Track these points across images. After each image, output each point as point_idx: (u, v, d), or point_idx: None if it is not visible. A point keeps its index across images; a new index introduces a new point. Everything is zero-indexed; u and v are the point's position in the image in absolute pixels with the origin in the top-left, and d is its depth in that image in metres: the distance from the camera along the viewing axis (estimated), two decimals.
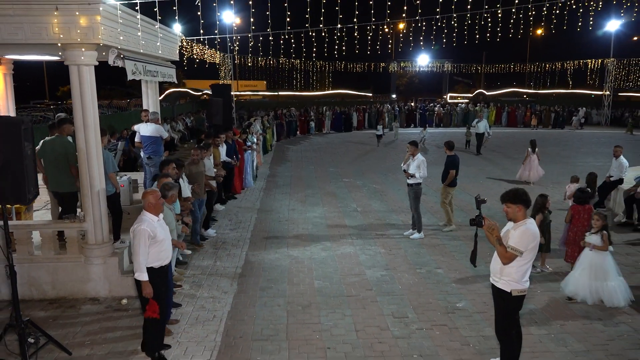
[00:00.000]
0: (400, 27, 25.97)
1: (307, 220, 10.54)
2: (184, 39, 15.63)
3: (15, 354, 4.93)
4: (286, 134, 27.34)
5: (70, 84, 6.26)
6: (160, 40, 8.13)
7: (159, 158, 9.50)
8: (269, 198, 12.64)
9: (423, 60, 44.53)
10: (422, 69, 46.64)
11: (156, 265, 4.99)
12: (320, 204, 11.92)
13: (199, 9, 8.51)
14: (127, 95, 39.98)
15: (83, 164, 6.42)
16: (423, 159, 9.22)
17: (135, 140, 10.60)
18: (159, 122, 10.20)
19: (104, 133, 6.96)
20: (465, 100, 44.97)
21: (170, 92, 34.58)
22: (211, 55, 25.12)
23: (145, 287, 4.86)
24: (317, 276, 7.41)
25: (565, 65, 38.04)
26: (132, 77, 7.23)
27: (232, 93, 21.47)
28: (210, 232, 9.33)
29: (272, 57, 33.09)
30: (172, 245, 5.60)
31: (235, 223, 10.28)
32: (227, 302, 6.53)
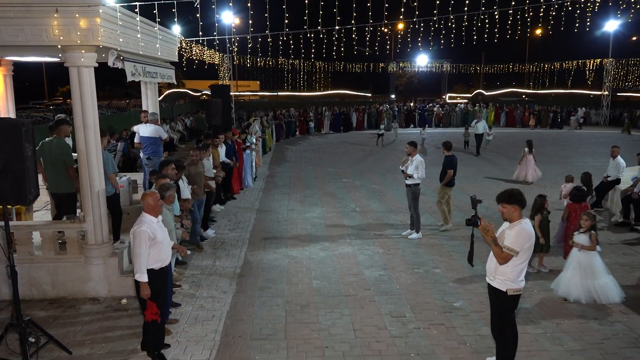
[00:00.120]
0: (400, 27, 26.04)
1: (306, 220, 10.59)
2: (183, 40, 15.68)
3: (17, 353, 4.98)
4: (285, 135, 27.34)
5: (70, 85, 6.31)
6: (160, 41, 8.19)
7: (159, 159, 9.55)
8: (268, 198, 12.69)
9: (422, 60, 44.61)
10: (421, 69, 46.73)
11: (157, 266, 5.04)
12: (319, 204, 11.97)
13: (197, 11, 8.56)
14: (127, 96, 39.98)
15: (83, 165, 6.46)
16: (421, 159, 9.26)
17: (135, 141, 10.64)
18: (158, 122, 10.25)
19: (103, 134, 7.01)
20: (464, 101, 45.06)
21: (169, 92, 34.65)
22: (210, 55, 25.17)
23: (144, 289, 4.90)
24: (316, 276, 7.46)
25: (564, 65, 38.09)
26: (131, 79, 7.27)
27: (231, 93, 21.52)
28: (210, 232, 9.37)
29: (271, 57, 33.15)
30: (173, 249, 5.65)
31: (235, 223, 10.32)
32: (226, 301, 6.58)
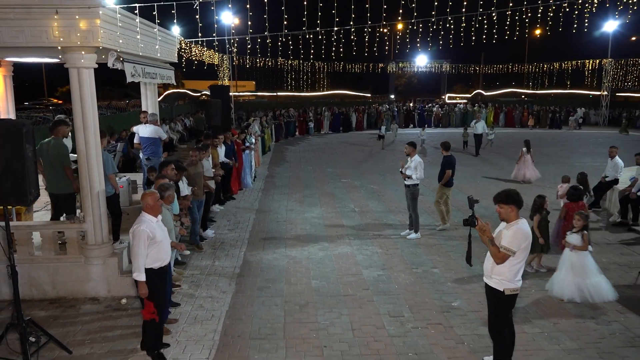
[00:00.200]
0: (399, 27, 26.07)
1: (305, 220, 10.62)
2: (183, 40, 15.72)
3: (17, 352, 5.02)
4: (284, 135, 27.39)
5: (70, 86, 6.34)
6: (159, 42, 8.22)
7: (158, 159, 9.58)
8: (267, 199, 12.72)
9: (421, 60, 44.67)
10: (420, 70, 46.80)
11: (156, 266, 5.07)
12: (318, 205, 12.00)
13: (197, 13, 8.60)
14: (126, 96, 40.01)
15: (83, 166, 6.49)
16: (420, 160, 9.28)
17: (134, 141, 10.68)
18: (158, 123, 10.29)
19: (103, 135, 7.04)
20: (464, 101, 45.12)
21: (169, 93, 34.68)
22: (210, 56, 25.20)
23: (142, 288, 4.95)
24: (315, 276, 7.50)
25: (563, 65, 38.16)
26: (131, 80, 7.30)
27: (231, 94, 21.54)
28: (209, 232, 9.40)
29: (270, 58, 33.19)
30: (172, 247, 5.68)
31: (234, 224, 10.36)
32: (226, 301, 6.61)
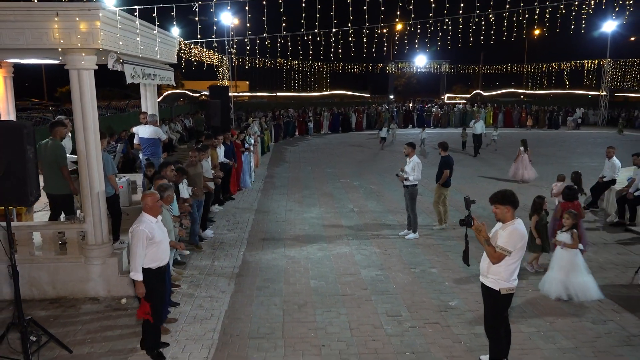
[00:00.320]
0: (398, 28, 26.10)
1: (304, 220, 10.67)
2: (182, 41, 15.76)
3: (18, 351, 5.06)
4: (284, 135, 27.45)
5: (71, 87, 6.38)
6: (159, 44, 8.26)
7: (158, 160, 9.64)
8: (267, 199, 12.77)
9: (420, 61, 44.75)
10: (419, 70, 46.88)
11: (153, 266, 5.12)
12: (317, 205, 12.05)
13: (196, 14, 8.64)
14: (126, 97, 40.09)
15: (83, 166, 6.53)
16: (418, 161, 9.31)
17: (134, 142, 10.73)
18: (157, 124, 10.34)
19: (103, 136, 7.10)
20: (463, 101, 45.18)
21: (168, 93, 34.74)
22: (209, 56, 25.25)
23: (139, 287, 5.00)
24: (313, 276, 7.54)
25: (562, 65, 38.23)
26: (130, 81, 7.35)
27: (230, 94, 21.61)
28: (208, 232, 9.45)
29: (269, 58, 33.22)
30: (170, 246, 5.73)
31: (233, 224, 10.40)
32: (225, 301, 6.66)
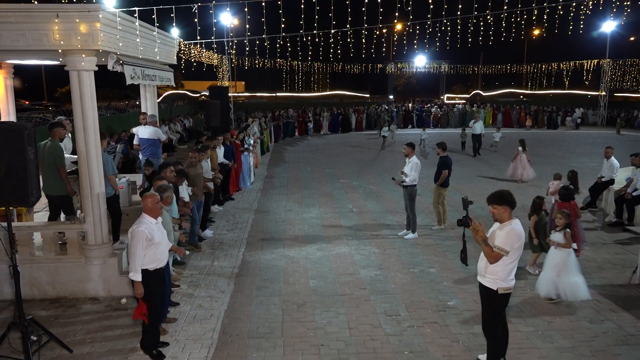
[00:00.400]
0: (398, 28, 26.15)
1: (303, 221, 10.70)
2: (182, 42, 15.79)
3: (19, 351, 5.10)
4: (283, 135, 27.49)
5: (71, 88, 6.42)
6: (158, 45, 8.30)
7: (158, 160, 9.67)
8: (266, 199, 12.80)
9: (420, 61, 44.78)
10: (419, 70, 46.91)
11: (151, 267, 5.14)
12: (317, 205, 12.08)
13: (196, 16, 8.68)
14: (125, 97, 40.12)
15: (83, 167, 6.57)
16: (417, 162, 9.33)
17: (134, 142, 10.77)
18: (157, 124, 10.37)
19: (103, 137, 7.13)
20: (462, 101, 45.22)
21: (168, 94, 34.78)
22: (209, 57, 25.27)
23: (138, 288, 5.03)
24: (313, 276, 7.58)
25: (561, 65, 38.26)
26: (130, 82, 7.38)
27: (230, 94, 21.64)
28: (207, 233, 9.47)
29: (269, 59, 33.24)
30: (171, 251, 5.76)
31: (233, 224, 10.43)
32: (224, 301, 6.69)
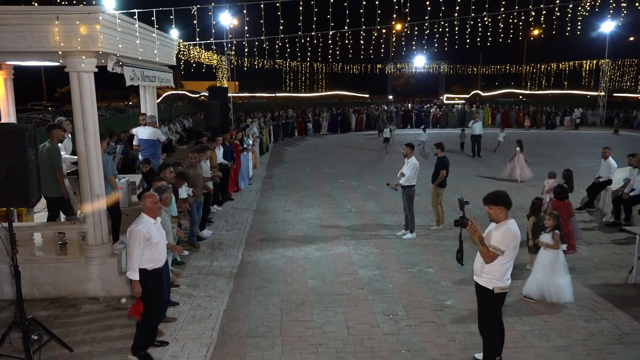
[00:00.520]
0: (397, 28, 26.17)
1: (302, 221, 10.74)
2: (181, 43, 15.84)
3: (20, 350, 5.14)
4: (283, 135, 27.55)
5: (71, 89, 6.47)
6: (158, 46, 8.35)
7: (157, 161, 9.71)
8: (265, 199, 12.84)
9: (419, 61, 44.82)
10: (418, 70, 46.96)
11: (149, 267, 5.18)
12: (316, 205, 12.13)
13: (195, 17, 8.73)
14: (125, 97, 40.16)
15: (83, 167, 6.62)
16: (415, 162, 9.37)
17: (134, 143, 10.81)
18: (157, 125, 10.42)
19: (103, 137, 7.18)
20: (462, 101, 45.26)
21: (167, 94, 34.83)
22: (208, 57, 25.31)
23: (135, 287, 5.08)
24: (311, 275, 7.63)
25: (560, 66, 38.32)
26: (130, 83, 7.43)
27: (230, 95, 21.67)
28: (205, 233, 9.50)
29: (268, 59, 33.24)
30: (169, 250, 5.80)
31: (232, 224, 10.48)
32: (223, 300, 6.74)
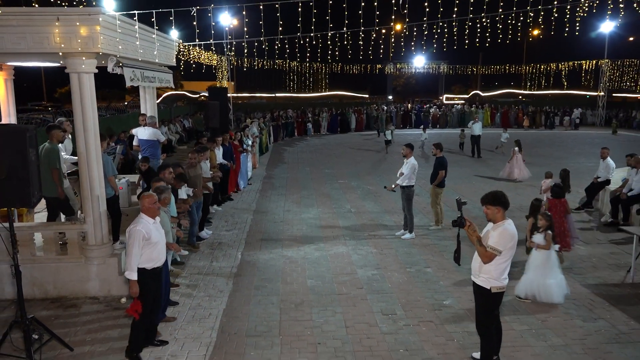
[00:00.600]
0: (397, 28, 26.20)
1: (301, 221, 10.78)
2: (181, 43, 15.87)
3: (21, 349, 5.17)
4: (283, 135, 27.60)
5: (71, 90, 6.50)
6: (158, 47, 8.39)
7: (157, 161, 9.75)
8: (265, 199, 12.88)
9: (419, 61, 44.83)
10: (418, 70, 46.97)
11: (148, 266, 5.21)
12: (315, 205, 12.17)
13: (195, 19, 8.77)
14: (122, 98, 40.18)
15: (83, 168, 6.65)
16: (414, 163, 9.41)
17: (134, 143, 10.85)
18: (157, 126, 10.46)
19: (103, 138, 7.21)
20: (461, 102, 45.28)
21: (167, 94, 34.88)
22: (208, 57, 25.35)
23: (133, 287, 5.12)
24: (310, 275, 7.66)
25: (560, 66, 38.35)
26: (130, 84, 7.47)
27: (229, 95, 21.71)
28: (204, 233, 9.51)
29: (268, 59, 33.26)
30: (167, 248, 5.83)
31: (232, 224, 10.52)
32: (223, 300, 6.77)
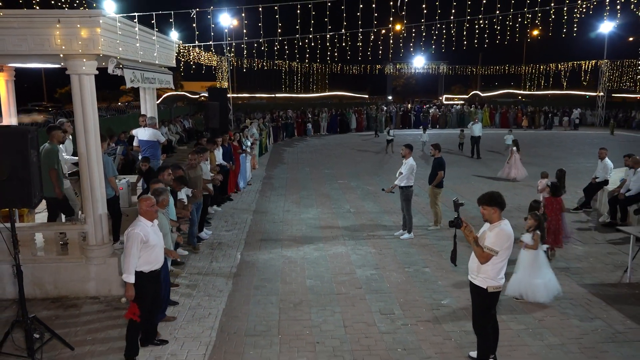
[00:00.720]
0: (397, 29, 26.24)
1: (301, 221, 10.83)
2: (181, 44, 15.92)
3: (22, 348, 5.22)
4: (283, 136, 27.66)
5: (72, 91, 6.54)
6: (158, 48, 8.44)
7: (157, 162, 9.79)
8: (265, 200, 12.93)
9: (418, 62, 44.86)
10: (417, 71, 47.00)
11: (146, 269, 5.21)
12: (315, 206, 12.21)
13: (194, 20, 8.82)
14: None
15: (84, 168, 6.70)
16: (413, 163, 9.44)
17: (134, 144, 10.89)
18: (157, 126, 10.50)
19: (103, 139, 7.26)
20: (461, 102, 45.31)
21: (167, 95, 34.93)
22: (208, 58, 25.40)
23: (129, 290, 5.10)
24: (309, 275, 7.71)
25: (559, 66, 38.38)
26: (130, 85, 7.51)
27: (229, 95, 21.75)
28: (204, 234, 9.55)
29: (267, 60, 33.31)
30: (165, 255, 5.83)
31: (231, 224, 10.56)
32: (222, 300, 6.82)
